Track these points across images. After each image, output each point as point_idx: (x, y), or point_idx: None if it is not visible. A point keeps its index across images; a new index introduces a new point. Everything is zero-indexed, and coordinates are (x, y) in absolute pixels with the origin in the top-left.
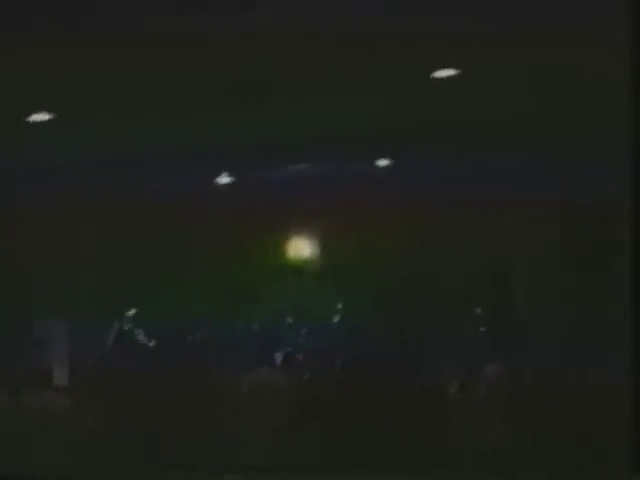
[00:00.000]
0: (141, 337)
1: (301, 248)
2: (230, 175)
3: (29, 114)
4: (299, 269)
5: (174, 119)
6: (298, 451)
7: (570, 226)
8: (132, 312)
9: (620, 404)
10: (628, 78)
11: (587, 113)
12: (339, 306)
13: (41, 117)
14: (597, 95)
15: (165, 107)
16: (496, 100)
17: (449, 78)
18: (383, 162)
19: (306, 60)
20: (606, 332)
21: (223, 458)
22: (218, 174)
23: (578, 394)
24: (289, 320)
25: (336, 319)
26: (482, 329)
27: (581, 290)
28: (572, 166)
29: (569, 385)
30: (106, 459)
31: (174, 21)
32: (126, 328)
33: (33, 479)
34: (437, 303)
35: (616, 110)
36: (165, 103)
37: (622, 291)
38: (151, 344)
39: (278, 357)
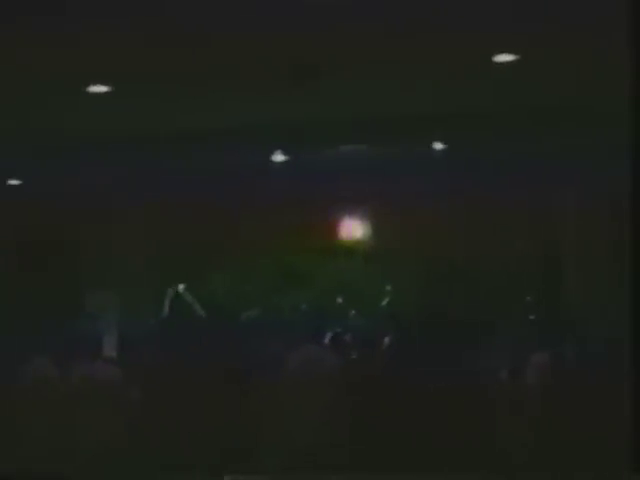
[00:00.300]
0: (191, 315)
1: (352, 230)
2: (282, 156)
3: (87, 89)
4: (350, 250)
5: (223, 100)
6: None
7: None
8: (182, 289)
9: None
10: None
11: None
12: (387, 288)
13: (97, 91)
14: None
15: (217, 88)
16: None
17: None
18: (435, 146)
19: (356, 44)
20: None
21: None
22: (269, 155)
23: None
24: (339, 301)
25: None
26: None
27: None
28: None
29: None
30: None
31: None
32: (176, 306)
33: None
34: (484, 291)
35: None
36: (217, 85)
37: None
38: (201, 322)
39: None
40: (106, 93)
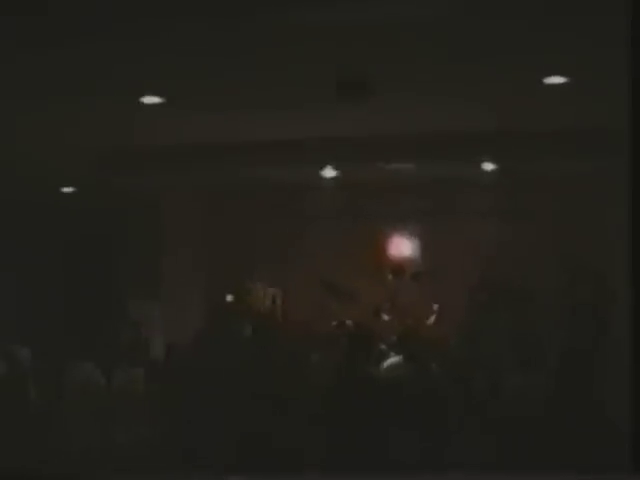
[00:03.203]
0: (235, 326)
1: (400, 247)
2: (331, 171)
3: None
4: (398, 268)
5: (273, 114)
6: None
7: None
8: (229, 300)
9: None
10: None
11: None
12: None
13: (150, 101)
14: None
15: (264, 103)
16: None
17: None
18: (486, 166)
19: (405, 60)
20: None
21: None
22: (318, 170)
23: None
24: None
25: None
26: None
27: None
28: None
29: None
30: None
31: (274, 18)
32: (220, 317)
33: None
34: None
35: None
36: (265, 99)
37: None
38: (245, 333)
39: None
40: (161, 104)
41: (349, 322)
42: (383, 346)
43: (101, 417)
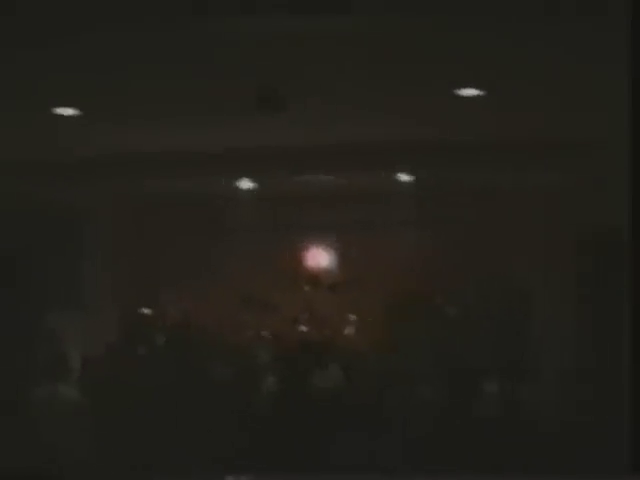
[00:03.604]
0: (150, 339)
1: (317, 258)
2: (248, 183)
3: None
4: (315, 279)
5: (190, 126)
6: None
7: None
8: (145, 312)
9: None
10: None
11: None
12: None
13: (67, 113)
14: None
15: (181, 114)
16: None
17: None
18: (402, 177)
19: (321, 71)
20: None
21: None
22: (235, 182)
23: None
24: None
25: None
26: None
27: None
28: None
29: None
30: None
31: (190, 28)
32: (136, 330)
33: (39, 476)
34: (450, 319)
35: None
36: (181, 111)
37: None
38: (160, 346)
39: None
40: (79, 116)
41: (267, 334)
42: (300, 356)
43: (16, 432)
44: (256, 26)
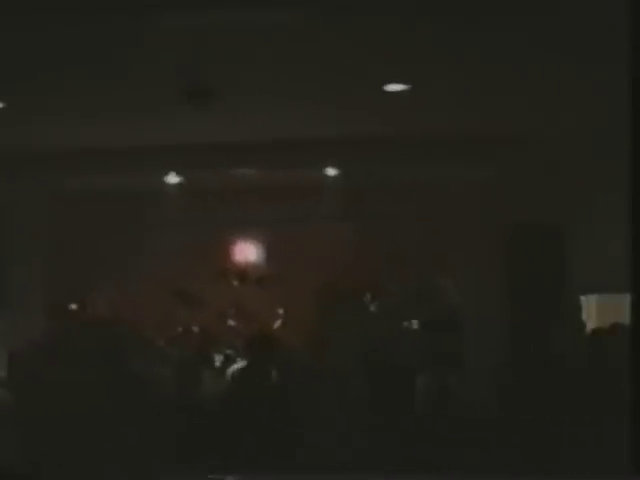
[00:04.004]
0: (78, 335)
1: (245, 253)
2: (176, 178)
3: None
4: (242, 273)
5: (116, 120)
6: None
7: None
8: (72, 308)
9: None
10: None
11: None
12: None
13: None
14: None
15: (107, 108)
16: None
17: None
18: (330, 171)
19: (250, 66)
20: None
21: None
22: (164, 176)
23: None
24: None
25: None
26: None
27: None
28: None
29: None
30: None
31: (119, 20)
32: (63, 325)
33: None
34: (378, 314)
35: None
36: (108, 104)
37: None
38: (88, 342)
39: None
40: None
41: (195, 328)
42: (229, 351)
43: None
44: (184, 19)
